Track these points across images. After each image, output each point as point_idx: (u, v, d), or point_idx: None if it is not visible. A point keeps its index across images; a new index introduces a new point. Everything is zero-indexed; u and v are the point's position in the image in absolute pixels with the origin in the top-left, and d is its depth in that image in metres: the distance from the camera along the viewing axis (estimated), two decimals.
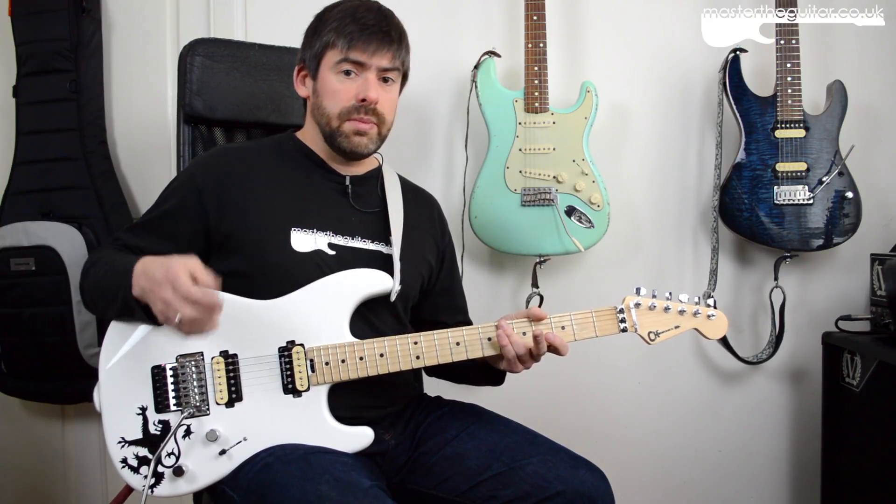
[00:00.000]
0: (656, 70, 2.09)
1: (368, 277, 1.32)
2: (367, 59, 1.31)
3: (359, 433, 1.26)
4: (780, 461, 2.14)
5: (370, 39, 1.31)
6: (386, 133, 1.39)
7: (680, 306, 1.33)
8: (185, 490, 1.22)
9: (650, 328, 1.32)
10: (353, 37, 1.30)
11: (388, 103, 1.37)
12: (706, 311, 1.34)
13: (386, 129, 1.38)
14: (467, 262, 2.04)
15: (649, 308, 1.32)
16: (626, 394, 2.14)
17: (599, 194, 1.91)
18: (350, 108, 1.33)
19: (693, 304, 1.34)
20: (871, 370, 1.76)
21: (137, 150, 2.11)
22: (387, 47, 1.32)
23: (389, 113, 1.38)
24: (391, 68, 1.34)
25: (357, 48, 1.31)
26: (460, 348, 1.29)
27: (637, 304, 1.32)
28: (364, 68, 1.32)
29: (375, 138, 1.37)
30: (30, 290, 1.90)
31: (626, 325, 1.32)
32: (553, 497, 1.24)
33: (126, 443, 1.23)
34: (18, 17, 1.97)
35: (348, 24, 1.31)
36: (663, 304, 1.32)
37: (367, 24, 1.31)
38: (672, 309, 1.33)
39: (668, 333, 1.32)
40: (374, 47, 1.31)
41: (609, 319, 1.32)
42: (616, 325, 1.32)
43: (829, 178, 1.91)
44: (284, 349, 1.26)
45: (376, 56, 1.31)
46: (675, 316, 1.33)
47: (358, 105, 1.32)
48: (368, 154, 1.39)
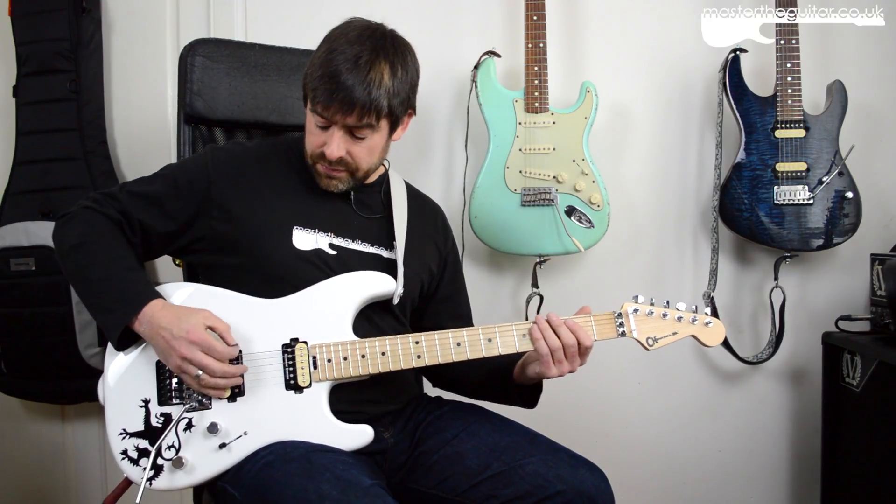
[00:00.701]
0: (656, 70, 2.09)
1: (373, 280, 1.33)
2: (331, 116, 1.27)
3: (359, 431, 1.26)
4: (780, 461, 2.15)
5: (331, 102, 1.24)
6: (363, 175, 1.36)
7: (677, 313, 1.34)
8: (183, 483, 1.23)
9: (648, 334, 1.32)
10: (317, 93, 1.26)
11: (361, 153, 1.32)
12: (703, 318, 1.34)
13: (362, 172, 1.35)
14: (467, 262, 2.04)
15: (647, 314, 1.32)
16: (627, 394, 2.14)
17: (599, 194, 1.91)
18: (318, 154, 1.31)
19: (691, 311, 1.34)
20: (871, 370, 1.76)
21: (137, 150, 2.11)
22: (349, 108, 1.24)
23: (364, 160, 1.33)
24: (360, 126, 1.28)
25: (320, 105, 1.26)
26: (461, 348, 1.30)
27: (635, 311, 1.33)
28: (331, 123, 1.28)
29: (347, 180, 1.35)
30: (30, 290, 1.91)
31: (625, 329, 1.32)
32: (553, 496, 1.24)
33: (127, 434, 1.24)
34: (18, 17, 1.97)
35: (321, 80, 1.25)
36: (661, 310, 1.33)
37: (336, 82, 1.24)
38: (669, 316, 1.33)
39: (665, 340, 1.33)
40: (335, 109, 1.25)
41: (608, 324, 1.32)
42: (615, 329, 1.32)
43: (829, 178, 1.91)
44: (288, 346, 1.27)
45: (338, 116, 1.26)
46: (673, 323, 1.33)
47: (323, 153, 1.30)
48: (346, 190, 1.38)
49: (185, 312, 1.22)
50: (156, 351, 1.24)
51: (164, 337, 1.20)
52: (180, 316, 1.21)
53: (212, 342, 1.20)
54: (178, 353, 1.19)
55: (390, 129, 1.34)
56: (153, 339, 1.22)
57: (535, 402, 1.42)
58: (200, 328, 1.20)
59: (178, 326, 1.19)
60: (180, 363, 1.20)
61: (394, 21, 1.40)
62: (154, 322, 1.21)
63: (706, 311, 1.36)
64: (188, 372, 1.20)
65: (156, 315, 1.22)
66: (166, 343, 1.20)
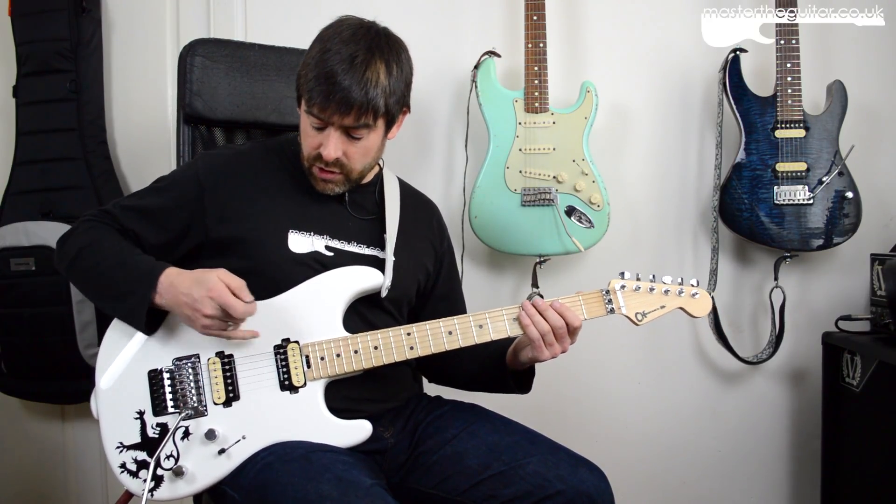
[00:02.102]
0: (656, 70, 2.09)
1: (359, 274, 1.33)
2: (327, 118, 1.26)
3: (356, 426, 1.26)
4: (780, 461, 2.14)
5: (327, 103, 1.24)
6: (358, 176, 1.36)
7: (664, 286, 1.35)
8: (185, 492, 1.22)
9: (637, 309, 1.34)
10: (313, 95, 1.25)
11: (357, 153, 1.31)
12: (690, 290, 1.35)
13: (357, 173, 1.35)
14: (467, 262, 2.04)
15: (634, 290, 1.34)
16: (626, 393, 2.14)
17: (599, 194, 1.91)
18: (314, 156, 1.31)
19: (677, 284, 1.36)
20: (871, 370, 1.76)
21: (137, 150, 2.11)
22: (346, 109, 1.24)
23: (359, 161, 1.33)
24: (356, 126, 1.27)
25: (317, 107, 1.25)
26: (452, 337, 1.30)
27: (622, 287, 1.34)
28: (327, 124, 1.27)
29: (343, 182, 1.35)
30: (30, 290, 1.91)
31: (613, 306, 1.33)
32: (553, 496, 1.23)
33: (124, 447, 1.23)
34: (18, 17, 1.98)
35: (317, 81, 1.24)
36: (648, 285, 1.35)
37: (332, 82, 1.23)
38: (657, 289, 1.35)
39: (654, 314, 1.34)
40: (332, 110, 1.24)
41: (596, 302, 1.33)
42: (603, 307, 1.33)
43: (829, 178, 1.91)
44: (280, 347, 1.27)
45: (335, 117, 1.25)
46: (660, 296, 1.35)
47: (319, 155, 1.30)
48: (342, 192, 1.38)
49: (202, 274, 1.21)
50: (181, 318, 1.23)
51: (187, 303, 1.19)
52: (198, 279, 1.20)
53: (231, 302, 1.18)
54: (203, 313, 1.18)
55: (386, 128, 1.34)
56: (177, 306, 1.21)
57: (530, 387, 1.43)
58: (220, 286, 1.18)
59: (197, 289, 1.18)
60: (208, 323, 1.19)
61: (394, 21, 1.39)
62: (174, 289, 1.20)
63: (692, 282, 1.37)
64: (213, 333, 1.21)
65: (174, 282, 1.21)
66: (191, 309, 1.19)
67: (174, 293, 1.20)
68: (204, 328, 1.20)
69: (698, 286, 1.36)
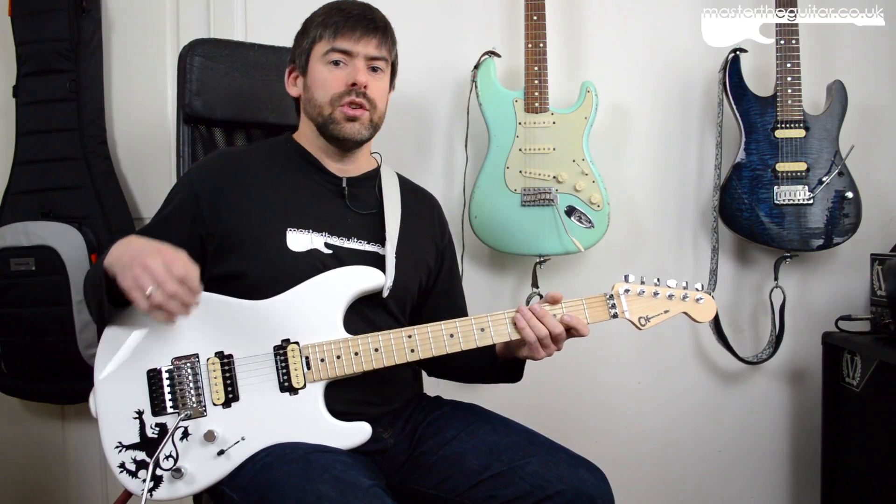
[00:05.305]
0: (656, 70, 2.09)
1: (360, 274, 1.32)
2: (353, 45, 1.34)
3: (356, 428, 1.26)
4: (780, 461, 2.15)
5: (355, 27, 1.34)
6: (378, 121, 1.40)
7: (668, 291, 1.34)
8: (184, 492, 1.22)
9: (640, 314, 1.33)
10: (338, 26, 1.34)
11: (379, 91, 1.38)
12: (694, 294, 1.34)
13: (378, 116, 1.40)
14: (467, 262, 2.04)
15: (638, 294, 1.33)
16: (626, 393, 2.14)
17: (599, 194, 1.91)
18: (341, 93, 1.35)
19: (681, 288, 1.35)
20: (871, 370, 1.76)
21: (137, 150, 2.11)
22: (372, 34, 1.35)
23: (381, 100, 1.39)
24: (378, 57, 1.37)
25: (343, 36, 1.34)
26: (454, 340, 1.29)
27: (626, 291, 1.33)
28: (352, 56, 1.35)
29: (368, 124, 1.38)
30: (30, 290, 1.91)
31: (617, 310, 1.33)
32: (553, 496, 1.23)
33: (123, 447, 1.23)
34: (18, 17, 1.98)
35: (333, 16, 1.36)
36: (652, 289, 1.34)
37: (351, 13, 1.35)
38: (661, 294, 1.34)
39: (658, 318, 1.33)
40: (359, 34, 1.34)
41: (600, 306, 1.32)
42: (606, 311, 1.32)
43: (829, 178, 1.91)
44: (280, 347, 1.26)
45: (362, 42, 1.34)
46: (664, 301, 1.34)
47: (349, 90, 1.34)
48: (363, 141, 1.40)
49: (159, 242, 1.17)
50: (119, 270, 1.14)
51: (133, 255, 1.13)
52: (154, 243, 1.16)
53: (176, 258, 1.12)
54: (142, 261, 1.11)
55: (390, 79, 1.43)
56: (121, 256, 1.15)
57: (521, 376, 1.43)
58: (171, 250, 1.14)
59: (149, 246, 1.15)
60: (139, 273, 1.11)
61: (394, 21, 1.41)
62: (127, 248, 1.17)
63: (696, 287, 1.36)
64: (142, 284, 1.11)
65: (131, 243, 1.18)
66: (131, 258, 1.13)
67: (125, 245, 1.18)
68: (134, 278, 1.11)
69: (703, 290, 1.35)
